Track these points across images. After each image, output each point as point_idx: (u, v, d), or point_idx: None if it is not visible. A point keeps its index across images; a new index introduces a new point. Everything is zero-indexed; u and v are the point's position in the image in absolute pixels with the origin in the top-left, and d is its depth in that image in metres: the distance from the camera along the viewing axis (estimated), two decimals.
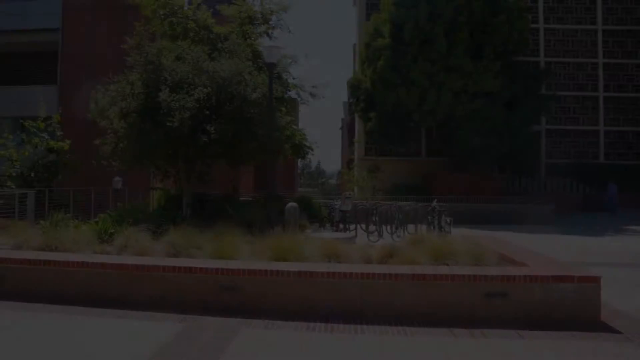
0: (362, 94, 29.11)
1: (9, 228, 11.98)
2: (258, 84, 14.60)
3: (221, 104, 13.98)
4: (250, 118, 14.16)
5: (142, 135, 13.59)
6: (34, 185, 19.42)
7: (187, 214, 15.02)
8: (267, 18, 21.31)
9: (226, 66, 14.14)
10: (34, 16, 28.83)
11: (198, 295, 7.27)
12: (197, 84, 13.92)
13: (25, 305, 7.33)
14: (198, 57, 14.62)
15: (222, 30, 20.33)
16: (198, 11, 20.48)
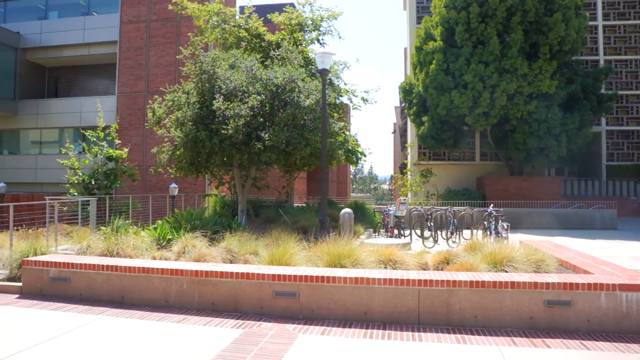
0: (414, 98, 28.87)
1: (73, 233, 12.44)
2: (311, 90, 14.67)
3: (275, 111, 14.13)
4: (303, 124, 14.26)
5: (197, 143, 13.85)
6: (94, 193, 20.05)
7: (242, 219, 15.21)
8: (318, 25, 21.42)
9: (279, 73, 14.28)
10: (94, 30, 29.99)
11: (254, 301, 7.34)
12: (250, 92, 14.11)
13: (90, 308, 7.60)
14: (251, 65, 14.82)
15: (273, 38, 20.58)
16: (249, 20, 20.78)
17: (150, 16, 28.28)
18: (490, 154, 31.33)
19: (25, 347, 5.81)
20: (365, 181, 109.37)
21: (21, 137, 32.46)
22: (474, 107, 24.36)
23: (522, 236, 15.30)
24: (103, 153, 20.83)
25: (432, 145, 28.12)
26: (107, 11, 30.22)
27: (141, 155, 26.78)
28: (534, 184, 27.39)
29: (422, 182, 28.81)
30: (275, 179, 23.47)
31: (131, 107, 27.76)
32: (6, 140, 32.69)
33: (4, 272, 9.60)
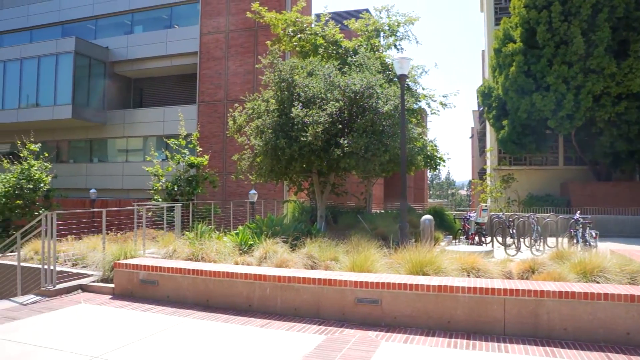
0: (494, 101, 28.16)
1: (158, 238, 12.91)
2: (389, 96, 14.61)
3: (353, 117, 14.15)
4: (382, 130, 14.21)
5: (277, 150, 14.07)
6: (177, 199, 20.76)
7: (321, 226, 15.31)
8: (395, 30, 21.31)
9: (357, 80, 14.30)
10: (176, 42, 31.14)
11: (336, 307, 7.36)
12: (329, 99, 14.20)
13: (177, 310, 7.87)
14: (329, 73, 14.91)
15: (350, 45, 20.64)
16: (326, 27, 20.94)
17: (228, 27, 29.03)
18: (575, 159, 30.03)
19: (119, 345, 6.07)
20: (443, 187, 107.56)
21: (109, 146, 34.09)
22: (557, 110, 23.47)
23: (612, 245, 14.55)
24: (185, 160, 21.53)
25: (513, 149, 27.28)
26: (188, 24, 31.29)
27: (221, 162, 27.50)
28: (623, 189, 26.05)
29: (503, 188, 28.01)
30: (353, 185, 23.53)
31: (211, 116, 28.58)
32: (96, 148, 34.43)
33: (97, 274, 10.09)
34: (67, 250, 12.38)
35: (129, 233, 15.34)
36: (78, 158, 34.80)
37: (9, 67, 33.03)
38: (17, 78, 32.73)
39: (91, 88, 32.16)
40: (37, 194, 24.51)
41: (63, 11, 35.48)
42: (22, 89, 32.64)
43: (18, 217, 24.41)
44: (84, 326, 6.97)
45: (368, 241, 10.01)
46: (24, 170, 24.25)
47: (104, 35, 34.27)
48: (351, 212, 19.01)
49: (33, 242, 12.71)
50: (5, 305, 8.35)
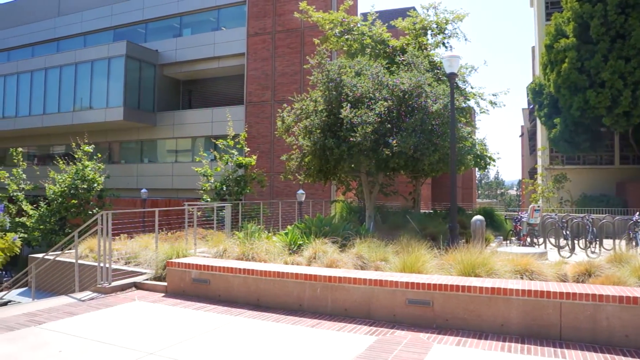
0: (545, 99, 27.42)
1: (207, 237, 13.09)
2: (438, 95, 14.43)
3: (402, 116, 14.02)
4: (431, 130, 14.04)
5: (325, 150, 14.07)
6: (225, 198, 21.03)
7: (369, 226, 15.24)
8: (443, 28, 20.99)
9: (406, 79, 14.17)
10: (223, 44, 31.56)
11: (387, 308, 7.30)
12: (377, 99, 14.12)
13: (228, 309, 7.95)
14: (377, 72, 14.82)
15: (397, 44, 20.47)
16: (373, 26, 20.83)
17: (275, 28, 29.23)
18: (633, 157, 28.96)
19: (173, 342, 6.17)
20: (492, 186, 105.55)
21: (159, 147, 34.82)
22: (612, 107, 22.67)
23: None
24: (233, 161, 21.79)
25: (565, 148, 26.50)
26: (235, 25, 31.66)
27: (269, 162, 27.70)
28: None
29: (555, 188, 27.24)
30: (402, 185, 23.34)
31: (259, 116, 28.83)
32: (146, 149, 35.23)
33: (150, 272, 10.30)
34: (120, 249, 12.70)
35: (179, 232, 15.61)
36: (129, 159, 35.68)
37: (64, 71, 34.15)
38: (72, 82, 33.81)
39: (142, 90, 32.92)
40: (91, 193, 25.26)
41: (115, 16, 36.45)
42: (77, 92, 33.69)
43: (73, 215, 25.20)
44: (139, 323, 7.11)
45: (417, 242, 9.90)
46: (78, 171, 25.02)
47: (153, 38, 35.05)
48: (399, 212, 18.83)
49: (88, 240, 13.08)
50: (65, 301, 8.62)
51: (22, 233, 23.40)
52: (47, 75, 35.07)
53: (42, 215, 25.26)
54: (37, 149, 40.53)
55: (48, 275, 13.33)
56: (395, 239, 11.07)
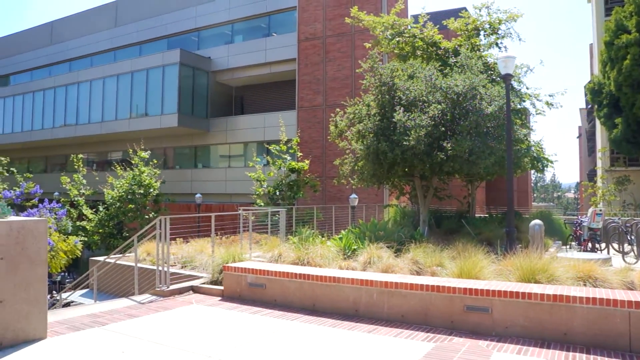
0: (604, 98, 26.47)
1: (262, 241, 13.21)
2: (493, 97, 14.15)
3: (456, 119, 13.82)
4: (486, 132, 13.79)
5: (379, 154, 14.00)
6: (278, 203, 21.22)
7: (424, 230, 15.08)
8: (496, 28, 20.58)
9: (460, 81, 13.96)
10: (274, 50, 31.90)
11: (444, 314, 7.19)
12: (430, 102, 13.97)
13: (284, 314, 7.99)
14: (431, 75, 14.67)
15: (449, 45, 20.21)
16: (424, 28, 20.62)
17: (325, 32, 29.34)
18: None
19: (231, 346, 6.23)
20: (548, 189, 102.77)
21: (212, 152, 35.43)
22: None
23: None
24: (286, 165, 21.96)
25: (628, 149, 25.48)
26: (286, 31, 31.95)
27: (321, 166, 27.79)
28: None
29: (617, 191, 26.23)
30: (456, 188, 22.99)
31: (310, 121, 28.97)
32: (200, 155, 35.91)
33: (207, 276, 10.47)
34: (176, 253, 12.97)
35: (233, 237, 15.82)
36: (183, 164, 36.43)
37: (121, 80, 35.21)
38: (128, 90, 34.83)
39: (195, 97, 33.59)
40: (147, 198, 25.92)
41: (168, 25, 37.36)
42: (133, 100, 34.68)
43: (130, 220, 25.92)
44: (197, 326, 7.22)
45: (473, 247, 9.74)
46: (135, 176, 25.72)
47: (206, 46, 35.74)
48: (454, 216, 18.57)
49: (145, 244, 13.40)
50: (125, 303, 8.85)
51: (82, 236, 24.19)
52: (105, 84, 36.25)
53: (101, 219, 26.08)
54: (95, 155, 41.89)
55: (108, 277, 13.74)
56: (451, 244, 10.93)
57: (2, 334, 5.73)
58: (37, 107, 41.27)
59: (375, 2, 27.39)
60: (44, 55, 45.74)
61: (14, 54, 48.62)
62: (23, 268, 5.91)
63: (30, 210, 13.23)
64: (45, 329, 6.19)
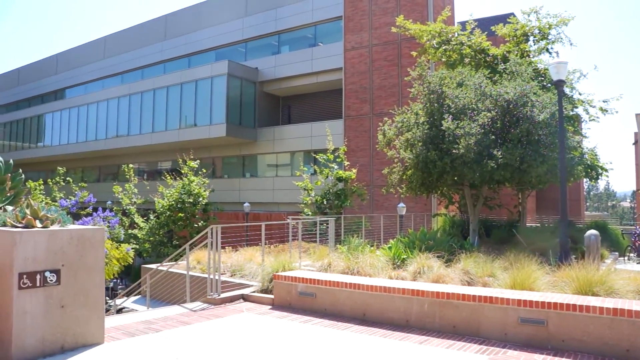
0: None
1: (310, 250, 13.26)
2: (545, 103, 13.87)
3: (506, 127, 13.61)
4: (538, 140, 13.52)
5: (428, 163, 13.91)
6: (325, 212, 21.25)
7: (474, 240, 14.87)
8: (546, 33, 20.19)
9: (510, 88, 13.74)
10: (320, 60, 32.10)
11: (498, 326, 7.05)
12: (480, 109, 13.80)
13: (335, 323, 7.98)
14: (480, 82, 14.49)
15: (498, 52, 19.94)
16: (472, 36, 20.40)
17: (371, 41, 29.35)
18: None
19: (284, 356, 6.26)
20: (601, 198, 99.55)
21: (259, 161, 35.82)
22: None
23: None
24: (333, 174, 22.00)
25: None
26: (332, 40, 32.11)
27: (368, 175, 27.73)
28: None
29: None
30: (506, 197, 22.58)
31: (357, 130, 28.98)
32: (248, 164, 36.35)
33: (256, 285, 10.57)
34: (226, 261, 13.14)
35: (281, 245, 15.94)
36: (231, 173, 36.93)
37: (171, 91, 36.03)
38: (177, 101, 35.60)
39: (243, 107, 34.07)
40: (197, 207, 26.37)
41: (216, 37, 38.08)
42: (182, 111, 35.41)
43: (180, 228, 26.41)
44: (250, 335, 7.30)
45: (525, 257, 9.54)
46: (184, 186, 26.22)
47: (253, 56, 36.25)
48: (504, 225, 18.23)
49: (195, 252, 13.64)
50: (178, 310, 9.01)
51: (134, 244, 24.77)
52: (155, 96, 37.16)
53: (152, 227, 26.66)
54: (146, 165, 42.93)
55: (159, 285, 14.04)
56: (501, 254, 10.74)
57: (63, 337, 5.92)
58: (90, 119, 42.66)
59: (422, 10, 27.26)
60: (97, 69, 47.29)
61: (69, 69, 50.42)
62: (82, 275, 6.10)
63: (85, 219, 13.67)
64: (102, 334, 6.36)
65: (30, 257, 5.65)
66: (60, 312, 5.87)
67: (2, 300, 5.69)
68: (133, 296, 16.34)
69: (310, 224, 16.46)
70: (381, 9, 29.02)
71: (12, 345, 5.50)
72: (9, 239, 5.64)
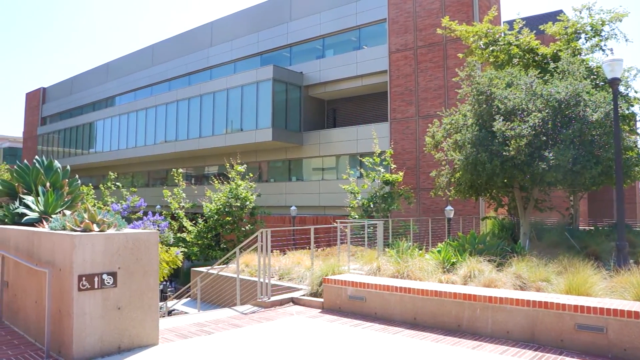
0: None
1: (357, 254, 13.22)
2: (598, 103, 13.47)
3: (558, 128, 13.28)
4: (591, 141, 13.14)
5: (477, 165, 13.68)
6: (372, 215, 21.19)
7: (524, 244, 14.56)
8: (598, 30, 19.59)
9: (561, 88, 13.39)
10: (365, 63, 32.01)
11: (553, 333, 6.87)
12: (530, 110, 13.50)
13: (385, 327, 7.94)
14: (531, 82, 14.17)
15: (548, 51, 19.46)
16: (520, 35, 19.99)
17: (417, 43, 29.11)
18: None
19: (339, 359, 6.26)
20: None
21: (305, 165, 35.93)
22: None
23: None
24: (380, 177, 21.92)
25: None
26: (376, 43, 31.98)
27: (415, 178, 27.48)
28: None
29: None
30: (557, 199, 21.99)
31: (403, 132, 28.77)
32: (294, 168, 36.52)
33: (305, 288, 10.61)
34: (274, 265, 13.24)
35: (328, 249, 15.96)
36: (277, 177, 37.19)
37: (217, 97, 36.56)
38: (224, 106, 36.09)
39: (288, 111, 34.29)
40: (244, 211, 26.64)
41: (261, 42, 38.46)
42: (228, 116, 35.87)
43: (227, 232, 26.73)
44: (301, 338, 7.32)
45: (580, 261, 9.28)
46: (232, 190, 26.53)
47: (298, 61, 36.44)
48: (555, 228, 17.78)
49: (243, 255, 13.78)
50: (229, 313, 9.14)
51: (182, 247, 25.17)
52: (202, 102, 37.76)
53: (200, 231, 27.05)
54: (193, 169, 43.64)
55: (208, 287, 14.25)
56: (554, 258, 10.49)
57: (120, 338, 6.08)
58: (140, 125, 43.68)
59: (467, 11, 26.89)
60: (146, 76, 48.41)
61: (119, 77, 51.81)
62: (137, 277, 6.25)
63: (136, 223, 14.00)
64: (157, 336, 6.49)
65: (88, 259, 5.82)
66: (117, 313, 6.03)
67: (63, 301, 5.89)
68: (181, 299, 16.65)
69: (358, 228, 16.43)
70: (426, 10, 28.77)
71: (73, 344, 5.69)
72: (68, 242, 5.83)
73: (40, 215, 7.79)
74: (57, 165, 9.06)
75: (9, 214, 8.26)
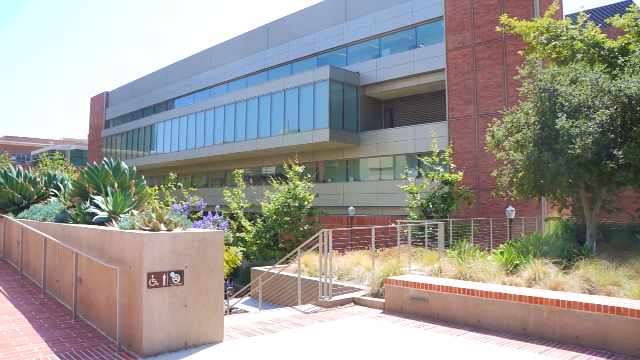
0: None
1: (416, 254, 13.12)
2: None
3: (628, 125, 12.76)
4: None
5: (540, 165, 13.30)
6: (431, 216, 20.96)
7: (591, 246, 14.06)
8: None
9: (632, 83, 12.83)
10: (422, 61, 31.69)
11: (629, 340, 6.59)
12: (597, 107, 13.02)
13: (448, 329, 7.85)
14: (597, 78, 13.65)
15: (615, 45, 18.69)
16: (584, 29, 19.29)
17: (474, 40, 28.58)
18: None
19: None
20: None
21: (362, 165, 35.87)
22: None
23: None
24: (439, 177, 21.65)
25: None
26: (433, 41, 31.59)
27: (474, 178, 26.98)
28: None
29: None
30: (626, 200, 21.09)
31: (462, 131, 28.30)
32: (351, 168, 36.52)
33: (366, 288, 10.61)
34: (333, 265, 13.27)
35: (387, 249, 15.89)
36: (335, 177, 37.27)
37: (274, 98, 36.96)
38: (281, 107, 36.45)
39: (345, 111, 34.31)
40: (302, 211, 26.85)
41: (317, 43, 38.64)
42: (286, 117, 36.20)
43: (285, 232, 27.01)
44: (363, 338, 7.32)
45: None
46: (290, 190, 26.78)
47: (354, 61, 36.43)
48: (625, 230, 17.05)
49: (303, 255, 13.89)
50: (290, 312, 9.23)
51: (241, 247, 25.59)
52: (260, 103, 38.26)
53: (259, 231, 27.44)
54: (251, 170, 44.28)
55: (268, 286, 14.44)
56: (625, 261, 10.12)
57: (187, 334, 6.25)
58: (199, 127, 44.66)
59: (527, 5, 26.21)
60: (204, 79, 49.46)
61: (178, 80, 53.14)
62: (203, 276, 6.41)
63: (196, 222, 14.34)
64: (222, 333, 6.63)
65: (157, 258, 6.01)
66: (183, 310, 6.20)
67: (133, 297, 6.11)
68: (243, 297, 16.91)
69: (416, 228, 16.28)
70: (483, 6, 28.22)
71: (143, 338, 5.90)
72: (138, 241, 6.04)
73: (109, 214, 8.09)
74: (124, 167, 9.38)
75: (80, 213, 8.62)
